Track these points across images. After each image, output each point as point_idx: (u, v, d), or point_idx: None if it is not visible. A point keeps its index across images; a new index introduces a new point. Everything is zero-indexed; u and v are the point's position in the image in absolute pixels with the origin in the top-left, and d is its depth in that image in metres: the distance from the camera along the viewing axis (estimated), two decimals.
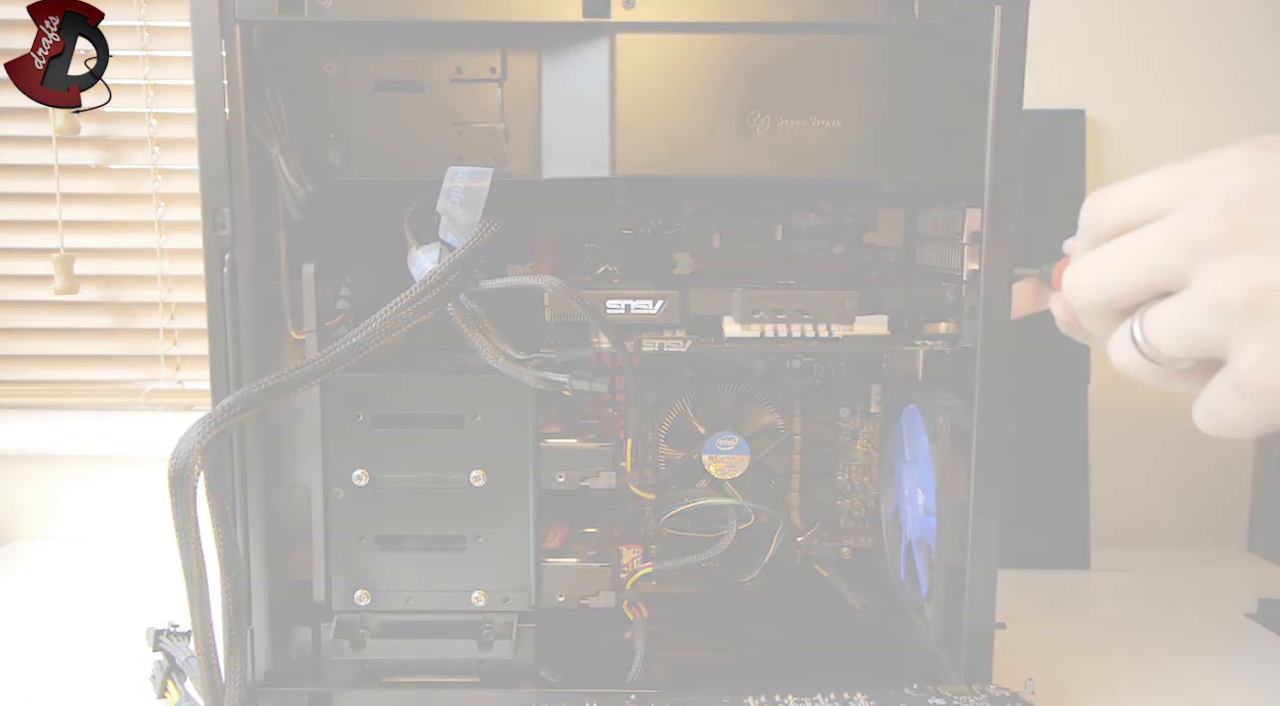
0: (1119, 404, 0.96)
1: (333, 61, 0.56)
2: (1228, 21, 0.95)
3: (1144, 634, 0.75)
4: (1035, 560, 0.90)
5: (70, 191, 1.00)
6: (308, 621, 0.60)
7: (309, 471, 0.59)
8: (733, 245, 0.70)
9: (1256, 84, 0.95)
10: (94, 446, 1.00)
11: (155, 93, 0.98)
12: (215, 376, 0.56)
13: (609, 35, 0.53)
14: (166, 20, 0.97)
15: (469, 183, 0.55)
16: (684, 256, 0.69)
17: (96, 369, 1.04)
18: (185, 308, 1.02)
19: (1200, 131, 0.95)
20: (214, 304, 0.55)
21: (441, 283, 0.55)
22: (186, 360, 1.04)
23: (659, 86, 0.53)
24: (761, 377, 0.72)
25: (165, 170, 1.00)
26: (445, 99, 0.56)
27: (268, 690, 0.58)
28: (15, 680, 0.67)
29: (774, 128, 0.54)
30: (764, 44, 0.53)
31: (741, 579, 0.72)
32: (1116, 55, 0.95)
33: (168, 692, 0.61)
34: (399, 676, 0.60)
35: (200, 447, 0.49)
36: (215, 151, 0.54)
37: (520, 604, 0.60)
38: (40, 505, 1.02)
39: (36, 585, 0.87)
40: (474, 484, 0.58)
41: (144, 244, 1.01)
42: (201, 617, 0.52)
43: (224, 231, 0.55)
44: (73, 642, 0.73)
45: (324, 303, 0.58)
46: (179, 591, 0.50)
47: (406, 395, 0.59)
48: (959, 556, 0.57)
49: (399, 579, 0.59)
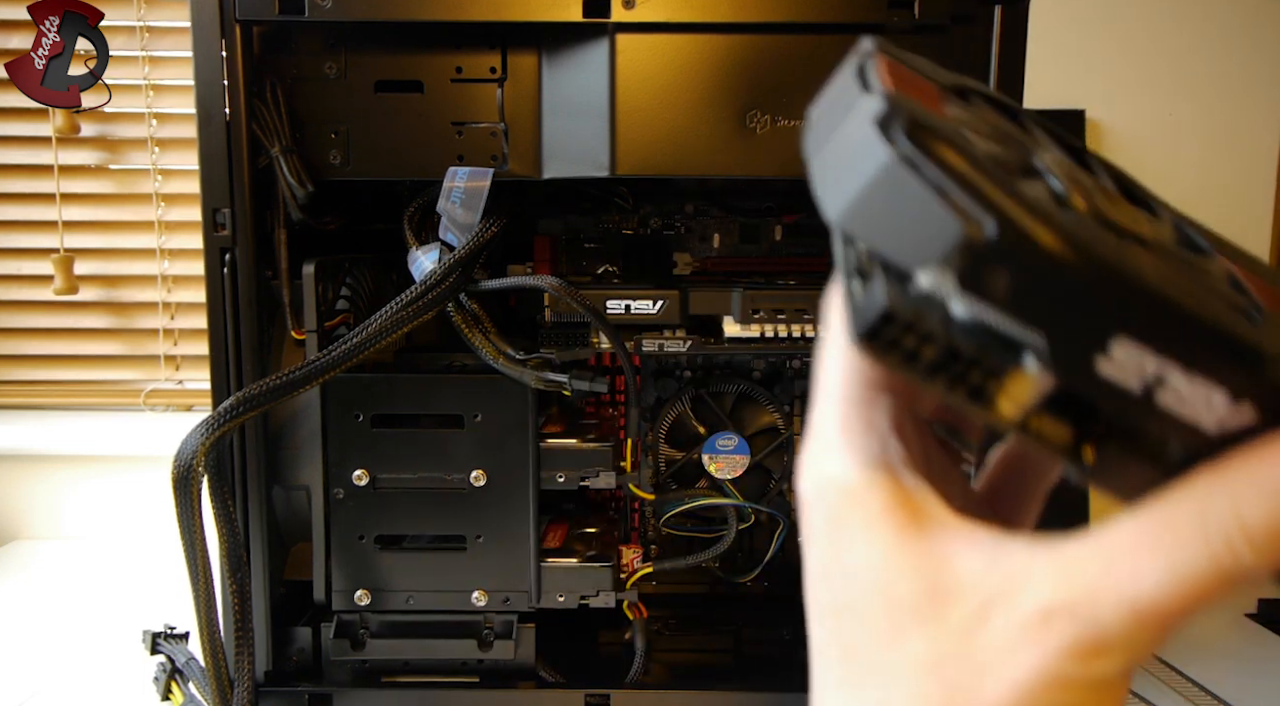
0: None
1: (333, 61, 0.56)
2: (1227, 22, 0.95)
3: None
4: None
5: (70, 191, 1.00)
6: (308, 621, 0.61)
7: (309, 471, 0.59)
8: (733, 245, 0.70)
9: (1256, 84, 0.95)
10: (94, 446, 1.00)
11: (155, 93, 0.98)
12: (215, 376, 0.56)
13: (609, 35, 0.53)
14: (166, 20, 0.97)
15: (469, 183, 0.55)
16: (684, 256, 0.69)
17: (96, 369, 1.04)
18: (185, 308, 1.02)
19: (1200, 131, 0.95)
20: (214, 304, 0.55)
21: (441, 283, 0.55)
22: (186, 360, 1.03)
23: (659, 86, 0.53)
24: (761, 378, 0.72)
25: (165, 170, 1.00)
26: (445, 99, 0.56)
27: (268, 690, 0.58)
28: (15, 680, 0.67)
29: (774, 128, 0.54)
30: (764, 44, 0.53)
31: (741, 579, 0.72)
32: (1116, 55, 0.95)
33: (171, 694, 0.61)
34: (399, 676, 0.60)
35: (203, 449, 0.49)
36: (215, 151, 0.54)
37: (520, 604, 0.60)
38: (40, 505, 1.02)
39: (37, 585, 0.87)
40: (474, 484, 0.58)
41: (144, 244, 1.01)
42: (207, 617, 0.52)
43: (224, 231, 0.55)
44: (73, 642, 0.73)
45: (324, 302, 0.58)
46: (178, 591, 0.50)
47: (406, 395, 0.59)
48: None
49: (399, 579, 0.59)
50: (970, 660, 0.19)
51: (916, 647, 0.19)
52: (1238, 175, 0.95)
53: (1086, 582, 0.18)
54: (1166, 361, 0.17)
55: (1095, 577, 0.18)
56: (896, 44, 0.23)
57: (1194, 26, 0.95)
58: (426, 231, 0.59)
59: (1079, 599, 0.18)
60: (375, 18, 0.53)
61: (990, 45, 0.52)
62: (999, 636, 0.18)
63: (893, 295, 0.18)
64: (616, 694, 0.58)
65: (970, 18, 0.53)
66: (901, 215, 0.17)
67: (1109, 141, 0.96)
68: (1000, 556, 0.19)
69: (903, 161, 0.17)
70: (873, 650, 0.20)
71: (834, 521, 0.21)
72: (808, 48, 0.53)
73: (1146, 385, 0.17)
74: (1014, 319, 0.17)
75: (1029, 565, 0.19)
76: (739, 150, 0.54)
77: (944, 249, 0.17)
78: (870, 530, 0.21)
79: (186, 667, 0.62)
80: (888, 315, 0.18)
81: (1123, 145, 0.96)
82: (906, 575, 0.20)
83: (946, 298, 0.17)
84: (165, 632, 0.66)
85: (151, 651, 0.65)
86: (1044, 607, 0.18)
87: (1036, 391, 0.18)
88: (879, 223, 0.18)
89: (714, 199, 0.69)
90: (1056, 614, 0.18)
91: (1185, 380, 0.17)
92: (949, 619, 0.19)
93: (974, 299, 0.17)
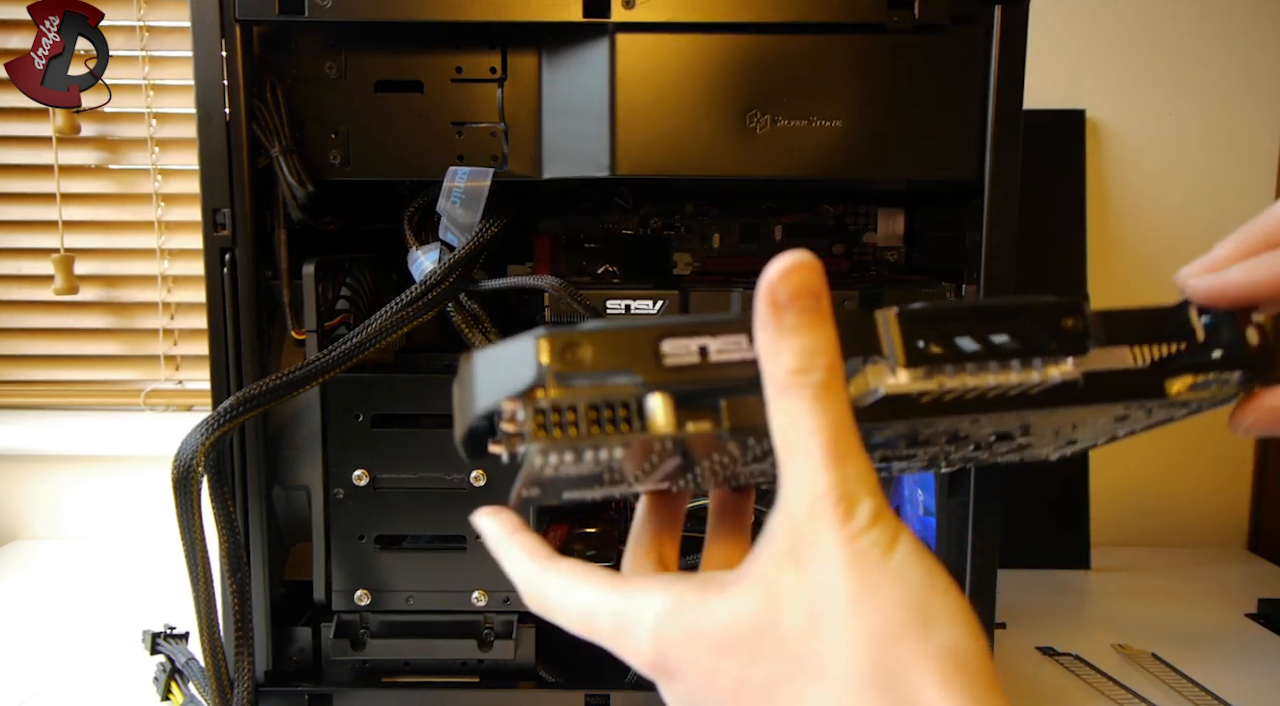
0: None
1: (333, 61, 0.56)
2: (1227, 22, 0.94)
3: (1144, 633, 0.75)
4: (1035, 560, 0.90)
5: (70, 191, 0.99)
6: (308, 621, 0.61)
7: (309, 471, 0.59)
8: (733, 245, 0.70)
9: (1256, 84, 0.95)
10: (94, 446, 1.00)
11: (155, 93, 0.98)
12: (215, 376, 0.56)
13: (609, 35, 0.53)
14: (166, 20, 0.97)
15: (469, 183, 0.55)
16: (684, 256, 0.69)
17: (96, 369, 1.04)
18: (185, 308, 1.02)
19: (1200, 131, 0.95)
20: (214, 304, 0.55)
21: (441, 283, 0.55)
22: (186, 360, 1.03)
23: (659, 86, 0.53)
24: None
25: (165, 170, 1.00)
26: (445, 99, 0.56)
27: (268, 690, 0.58)
28: (15, 680, 0.67)
29: (774, 128, 0.54)
30: (764, 44, 0.53)
31: None
32: (1116, 56, 0.95)
33: (171, 695, 0.61)
34: (399, 676, 0.60)
35: (203, 449, 0.49)
36: (215, 151, 0.54)
37: (520, 604, 0.60)
38: (40, 505, 1.02)
39: (37, 585, 0.87)
40: (474, 484, 0.58)
41: (144, 244, 1.01)
42: (207, 617, 0.52)
43: (224, 231, 0.55)
44: (73, 642, 0.73)
45: (324, 302, 0.58)
46: (178, 591, 0.50)
47: (406, 395, 0.59)
48: (959, 556, 0.57)
49: (399, 579, 0.59)
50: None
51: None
52: (1237, 175, 0.95)
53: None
54: (697, 337, 0.26)
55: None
56: (897, 44, 0.27)
57: (1193, 27, 0.95)
58: (426, 231, 0.59)
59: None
60: (375, 18, 0.53)
61: (990, 45, 0.52)
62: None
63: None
64: (616, 694, 0.58)
65: (970, 18, 0.53)
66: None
67: (1109, 141, 0.96)
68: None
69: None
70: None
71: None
72: (808, 48, 0.53)
73: (702, 348, 0.26)
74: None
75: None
76: (739, 150, 0.54)
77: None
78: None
79: (186, 667, 0.62)
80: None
81: (1123, 145, 0.96)
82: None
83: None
84: (165, 632, 0.66)
85: (151, 651, 0.65)
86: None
87: (657, 403, 0.26)
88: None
89: (714, 199, 0.69)
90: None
91: (713, 340, 0.26)
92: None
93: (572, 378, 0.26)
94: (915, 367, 0.27)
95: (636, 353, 0.26)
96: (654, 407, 0.26)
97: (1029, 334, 0.27)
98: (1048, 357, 0.28)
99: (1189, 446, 0.98)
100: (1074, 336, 0.28)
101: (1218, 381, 0.30)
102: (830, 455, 0.24)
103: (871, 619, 0.23)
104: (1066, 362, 0.28)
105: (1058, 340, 0.28)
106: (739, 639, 0.24)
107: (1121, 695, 0.65)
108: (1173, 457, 0.99)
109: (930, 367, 0.27)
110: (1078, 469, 0.92)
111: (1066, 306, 0.28)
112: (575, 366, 0.26)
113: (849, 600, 0.23)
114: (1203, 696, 0.65)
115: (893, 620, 0.23)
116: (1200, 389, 0.29)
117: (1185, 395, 0.29)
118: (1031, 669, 0.69)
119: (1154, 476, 1.00)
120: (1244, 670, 0.69)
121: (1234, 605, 0.81)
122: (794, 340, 0.25)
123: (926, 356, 0.27)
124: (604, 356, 0.26)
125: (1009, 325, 0.27)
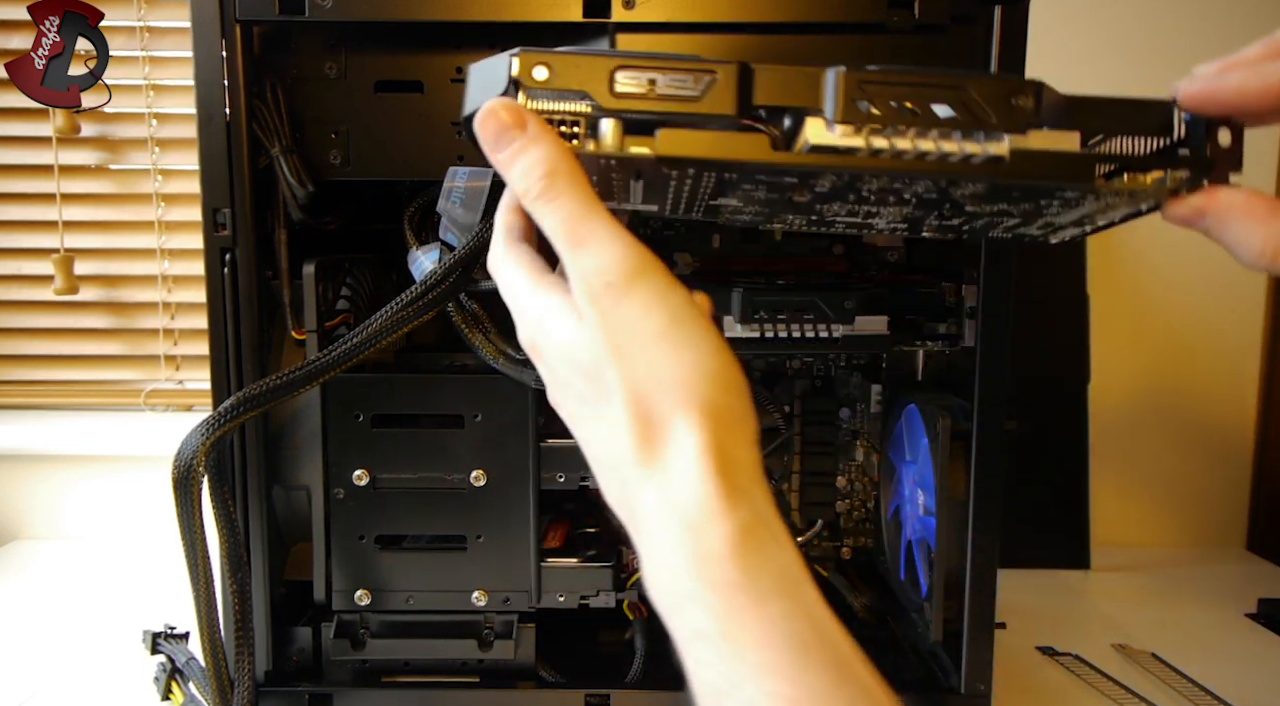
0: (1119, 404, 0.96)
1: (333, 61, 0.56)
2: (1227, 22, 0.95)
3: (1144, 633, 0.75)
4: (1035, 560, 0.90)
5: (70, 191, 1.00)
6: (308, 621, 0.61)
7: (309, 471, 0.59)
8: (733, 245, 0.70)
9: None
10: (94, 446, 1.00)
11: (155, 93, 0.98)
12: (215, 376, 0.56)
13: (609, 35, 0.53)
14: (166, 20, 0.97)
15: (469, 183, 0.55)
16: (684, 256, 0.69)
17: (96, 369, 1.04)
18: (185, 308, 1.02)
19: None
20: (214, 304, 0.55)
21: (441, 283, 0.55)
22: (186, 360, 1.04)
23: None
24: (761, 377, 0.72)
25: (165, 170, 1.00)
26: (445, 99, 0.56)
27: (268, 690, 0.58)
28: (15, 680, 0.67)
29: None
30: (764, 44, 0.53)
31: None
32: (1116, 55, 0.95)
33: (171, 694, 0.61)
34: (399, 676, 0.60)
35: (203, 449, 0.49)
36: (215, 151, 0.54)
37: (520, 604, 0.60)
38: (40, 505, 1.02)
39: (37, 585, 0.87)
40: (474, 484, 0.58)
41: (144, 244, 1.01)
42: (208, 617, 0.52)
43: (224, 231, 0.55)
44: (73, 642, 0.73)
45: (324, 302, 0.58)
46: (178, 591, 0.50)
47: (406, 395, 0.59)
48: (959, 556, 0.57)
49: (399, 579, 0.59)
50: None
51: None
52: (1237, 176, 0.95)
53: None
54: (648, 72, 0.30)
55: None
56: (897, 44, 0.28)
57: (1193, 27, 0.95)
58: (426, 231, 0.59)
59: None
60: (375, 18, 0.53)
61: (990, 45, 0.52)
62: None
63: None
64: (616, 694, 0.58)
65: (970, 18, 0.53)
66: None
67: None
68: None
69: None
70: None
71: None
72: (808, 48, 0.53)
73: (651, 81, 0.30)
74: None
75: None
76: None
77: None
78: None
79: (186, 667, 0.62)
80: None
81: None
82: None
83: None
84: (165, 632, 0.66)
85: (151, 651, 0.65)
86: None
87: (608, 126, 0.30)
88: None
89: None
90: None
91: (662, 76, 0.30)
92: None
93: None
94: (847, 124, 0.29)
95: (595, 77, 0.30)
96: (605, 130, 0.30)
97: (974, 108, 0.29)
98: (990, 133, 0.29)
99: (1189, 446, 0.98)
100: (1020, 114, 0.29)
101: (1169, 178, 0.32)
102: (569, 244, 0.32)
103: (625, 367, 0.31)
104: (1002, 141, 0.29)
105: (1001, 117, 0.29)
106: (562, 358, 0.33)
107: (1121, 695, 0.65)
108: (1173, 457, 0.99)
109: (861, 126, 0.29)
110: (1078, 469, 0.92)
111: (1022, 86, 0.29)
112: (542, 83, 0.30)
113: (609, 350, 0.31)
114: (1203, 696, 0.65)
115: (646, 368, 0.31)
116: (1137, 182, 0.31)
117: (1121, 185, 0.31)
118: (1031, 669, 0.70)
119: (1154, 476, 1.00)
120: (1244, 670, 0.69)
121: (1234, 605, 0.82)
122: (510, 169, 0.32)
123: (863, 116, 0.29)
124: (565, 76, 0.30)
125: (957, 96, 0.29)
